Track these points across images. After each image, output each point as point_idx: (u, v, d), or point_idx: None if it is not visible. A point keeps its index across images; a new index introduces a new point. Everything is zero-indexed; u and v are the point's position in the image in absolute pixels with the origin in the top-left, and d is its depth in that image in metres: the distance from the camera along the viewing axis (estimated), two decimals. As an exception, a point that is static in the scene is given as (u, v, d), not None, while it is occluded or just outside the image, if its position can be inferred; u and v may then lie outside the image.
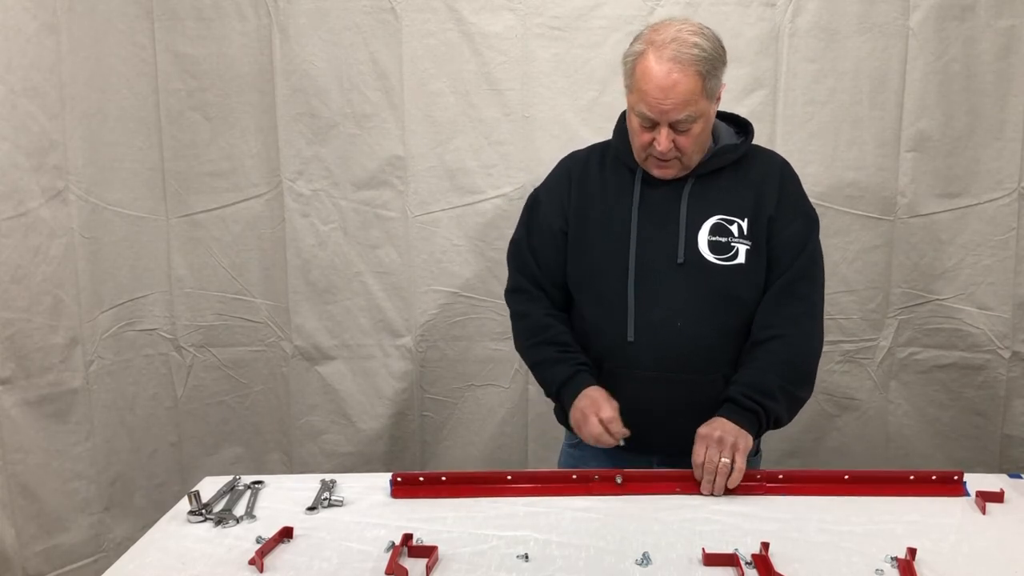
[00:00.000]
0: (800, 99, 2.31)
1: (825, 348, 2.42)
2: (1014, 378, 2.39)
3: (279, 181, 2.39)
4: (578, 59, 2.30)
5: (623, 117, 1.71)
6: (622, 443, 1.61)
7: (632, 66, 1.56)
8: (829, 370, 2.45)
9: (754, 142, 2.33)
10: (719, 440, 1.53)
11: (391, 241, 2.42)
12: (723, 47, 1.59)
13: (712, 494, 1.53)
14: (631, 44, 1.59)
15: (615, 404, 1.61)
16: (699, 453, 1.53)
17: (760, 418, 1.59)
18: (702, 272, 1.63)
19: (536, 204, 1.78)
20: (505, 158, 2.36)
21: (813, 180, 2.34)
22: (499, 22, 2.30)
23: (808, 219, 1.70)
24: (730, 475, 1.51)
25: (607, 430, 1.59)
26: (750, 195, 1.66)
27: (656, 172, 1.64)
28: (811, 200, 2.33)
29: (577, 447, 1.80)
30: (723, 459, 1.51)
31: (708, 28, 1.58)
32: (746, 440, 1.55)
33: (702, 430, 1.56)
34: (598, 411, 1.60)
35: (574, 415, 1.64)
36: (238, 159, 2.40)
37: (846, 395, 2.46)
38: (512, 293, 1.82)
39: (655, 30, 1.56)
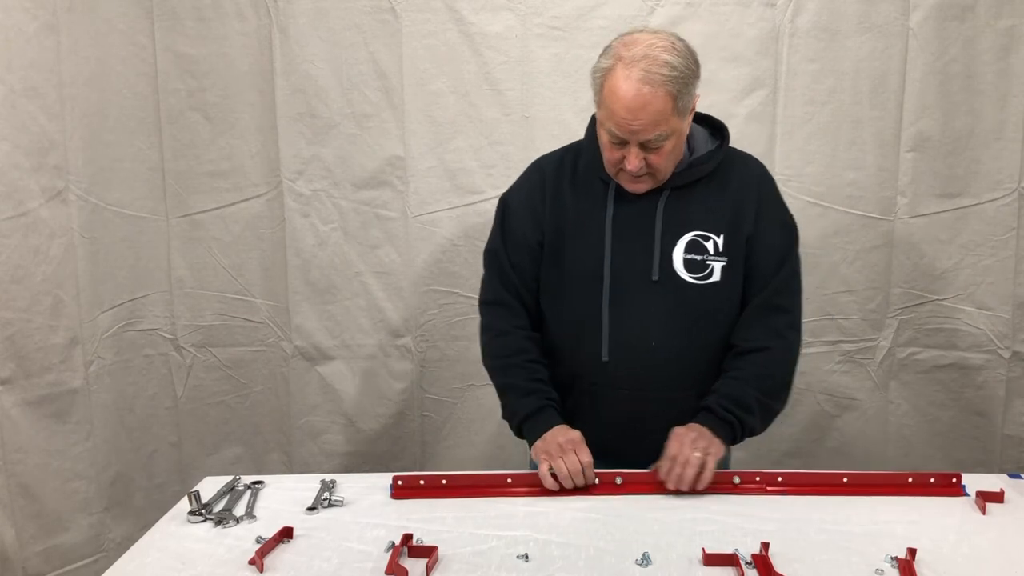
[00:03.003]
0: (800, 99, 2.31)
1: (825, 348, 2.45)
2: (1014, 378, 2.39)
3: (279, 181, 2.39)
4: (578, 59, 2.30)
5: (595, 121, 1.66)
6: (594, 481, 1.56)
7: (601, 82, 1.51)
8: (829, 370, 2.45)
9: (755, 142, 2.35)
10: (694, 440, 1.54)
11: (391, 241, 2.42)
12: (696, 61, 1.53)
13: (676, 489, 1.53)
14: (600, 57, 1.53)
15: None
16: (673, 447, 1.54)
17: (735, 429, 1.60)
18: (677, 290, 1.62)
19: (508, 211, 1.73)
20: (505, 158, 2.36)
21: (813, 180, 2.35)
22: (499, 22, 2.30)
23: (787, 229, 1.69)
24: (700, 474, 1.51)
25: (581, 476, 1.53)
26: (727, 209, 1.63)
27: (629, 187, 1.61)
28: (811, 200, 2.37)
29: None
30: (695, 453, 1.51)
31: (680, 41, 1.52)
32: (719, 448, 1.56)
33: (678, 429, 1.57)
34: (578, 451, 1.54)
35: (547, 447, 1.57)
36: (238, 159, 2.40)
37: (846, 395, 2.47)
38: (491, 305, 1.75)
39: (624, 44, 1.50)
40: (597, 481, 1.55)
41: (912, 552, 1.30)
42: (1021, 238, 2.34)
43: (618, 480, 1.56)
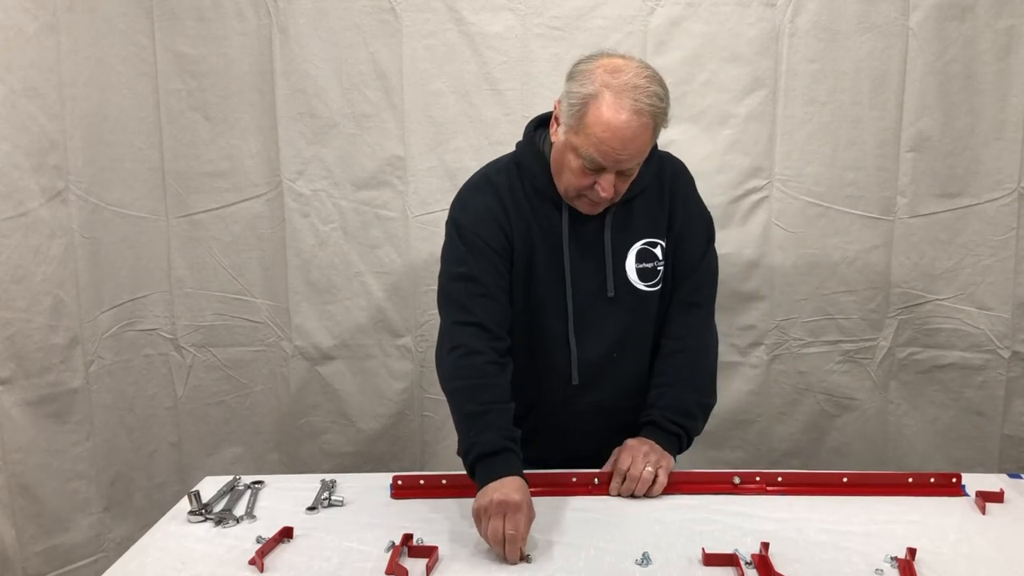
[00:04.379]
0: (800, 99, 2.31)
1: (825, 348, 2.45)
2: (1014, 378, 2.39)
3: (279, 181, 2.39)
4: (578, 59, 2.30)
5: (530, 132, 1.63)
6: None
7: (583, 108, 1.44)
8: (829, 370, 2.45)
9: (755, 142, 2.35)
10: (646, 454, 1.56)
11: (391, 241, 2.42)
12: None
13: (619, 495, 1.56)
14: (575, 82, 1.48)
15: (532, 516, 1.38)
16: (625, 460, 1.56)
17: (682, 440, 1.63)
18: (635, 301, 1.64)
19: (467, 231, 1.60)
20: (505, 158, 2.36)
21: (813, 180, 2.35)
22: (499, 22, 2.30)
23: (707, 224, 1.72)
24: (652, 486, 1.54)
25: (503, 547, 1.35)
26: (663, 214, 1.65)
27: (587, 210, 1.57)
28: (811, 200, 2.38)
29: None
30: (647, 468, 1.54)
31: (655, 69, 1.49)
32: (669, 460, 1.58)
33: (631, 441, 1.60)
34: (508, 519, 1.35)
35: (483, 503, 1.38)
36: (238, 159, 2.40)
37: (846, 395, 2.46)
38: (467, 326, 1.57)
39: (609, 72, 1.45)
40: (529, 559, 1.35)
41: (912, 552, 1.30)
42: (1021, 238, 2.34)
43: (595, 480, 1.59)
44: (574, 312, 1.61)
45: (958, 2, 2.24)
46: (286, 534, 1.41)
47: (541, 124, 1.65)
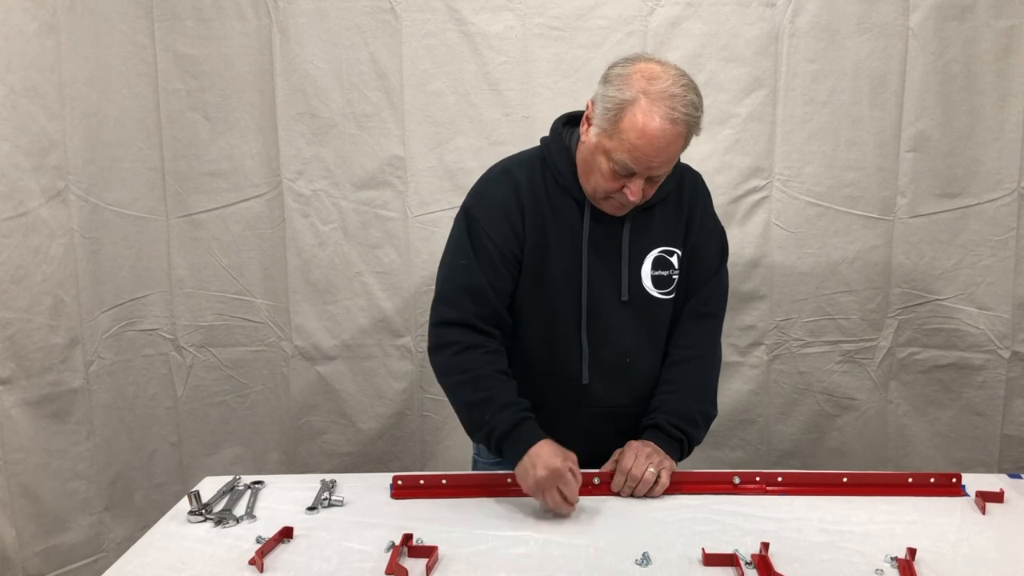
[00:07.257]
0: (800, 99, 2.31)
1: (825, 348, 2.46)
2: (1014, 378, 2.39)
3: (279, 181, 2.39)
4: (578, 59, 2.31)
5: (558, 128, 1.63)
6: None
7: (619, 113, 1.44)
8: (829, 370, 2.45)
9: (755, 142, 2.35)
10: (648, 455, 1.56)
11: (391, 241, 2.42)
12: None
13: (619, 495, 1.57)
14: (612, 85, 1.47)
15: (575, 459, 1.49)
16: (628, 459, 1.56)
17: (683, 446, 1.63)
18: (647, 308, 1.64)
19: (476, 223, 1.60)
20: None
21: (813, 180, 2.35)
22: (499, 22, 2.30)
23: (722, 238, 1.74)
24: (654, 487, 1.54)
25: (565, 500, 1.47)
26: (681, 223, 1.66)
27: (612, 212, 1.57)
28: (811, 200, 2.38)
29: (500, 464, 1.74)
30: (650, 469, 1.54)
31: (691, 77, 1.50)
32: (671, 463, 1.59)
33: (634, 443, 1.60)
34: (560, 486, 1.45)
35: (530, 483, 1.47)
36: (238, 159, 2.40)
37: (846, 395, 2.47)
38: (458, 327, 1.59)
39: (646, 78, 1.44)
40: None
41: (912, 552, 1.30)
42: (1021, 238, 2.34)
43: (596, 480, 1.58)
44: (588, 311, 1.61)
45: (958, 2, 2.24)
46: (286, 534, 1.41)
47: (569, 121, 1.65)
